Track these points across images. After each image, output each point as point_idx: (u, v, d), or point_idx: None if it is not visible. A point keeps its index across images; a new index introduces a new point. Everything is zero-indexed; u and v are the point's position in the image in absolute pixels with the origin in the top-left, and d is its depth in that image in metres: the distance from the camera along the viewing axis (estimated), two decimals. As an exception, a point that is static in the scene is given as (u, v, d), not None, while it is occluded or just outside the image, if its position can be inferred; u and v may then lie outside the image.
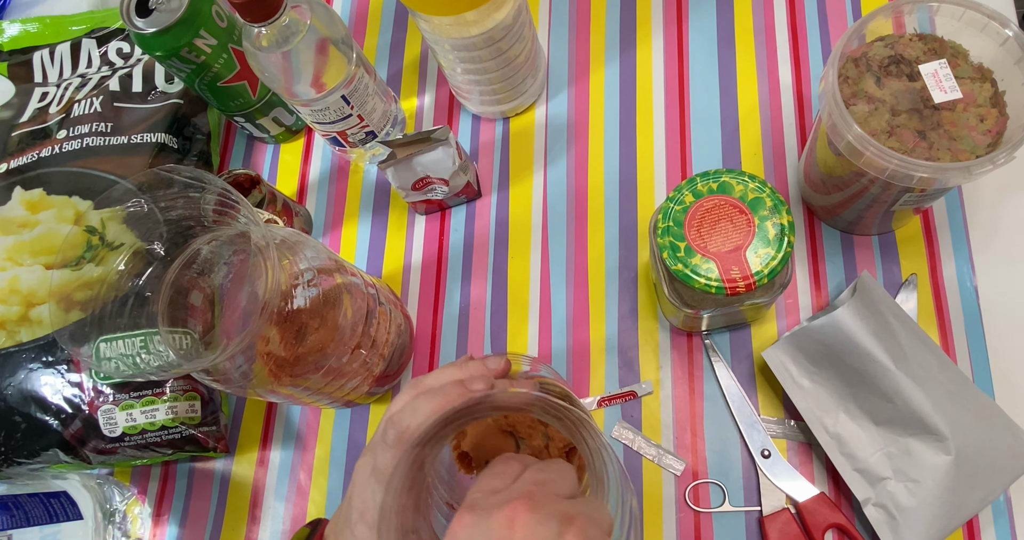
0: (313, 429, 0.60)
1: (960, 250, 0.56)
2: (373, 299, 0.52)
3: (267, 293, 0.41)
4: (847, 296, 0.53)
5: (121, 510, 0.59)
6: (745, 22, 0.65)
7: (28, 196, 0.61)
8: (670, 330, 0.58)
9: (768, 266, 0.44)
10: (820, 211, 0.57)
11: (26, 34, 0.72)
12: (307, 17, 0.51)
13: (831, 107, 0.45)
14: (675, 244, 0.45)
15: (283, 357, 0.46)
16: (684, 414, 0.55)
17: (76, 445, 0.56)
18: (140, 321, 0.48)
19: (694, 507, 0.53)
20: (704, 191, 0.46)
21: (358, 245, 0.65)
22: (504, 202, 0.64)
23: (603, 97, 0.65)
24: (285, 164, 0.69)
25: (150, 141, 0.63)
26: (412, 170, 0.58)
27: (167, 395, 0.57)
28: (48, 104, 0.67)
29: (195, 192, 0.46)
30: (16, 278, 0.58)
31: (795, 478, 0.52)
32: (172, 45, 0.55)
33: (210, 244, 0.48)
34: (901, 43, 0.47)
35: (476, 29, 0.53)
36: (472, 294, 0.61)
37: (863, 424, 0.50)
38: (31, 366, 0.56)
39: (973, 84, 0.46)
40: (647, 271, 0.59)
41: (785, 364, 0.52)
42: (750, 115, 0.62)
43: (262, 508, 0.59)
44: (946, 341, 0.54)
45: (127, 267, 0.48)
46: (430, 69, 0.69)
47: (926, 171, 0.43)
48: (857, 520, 0.51)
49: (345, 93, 0.57)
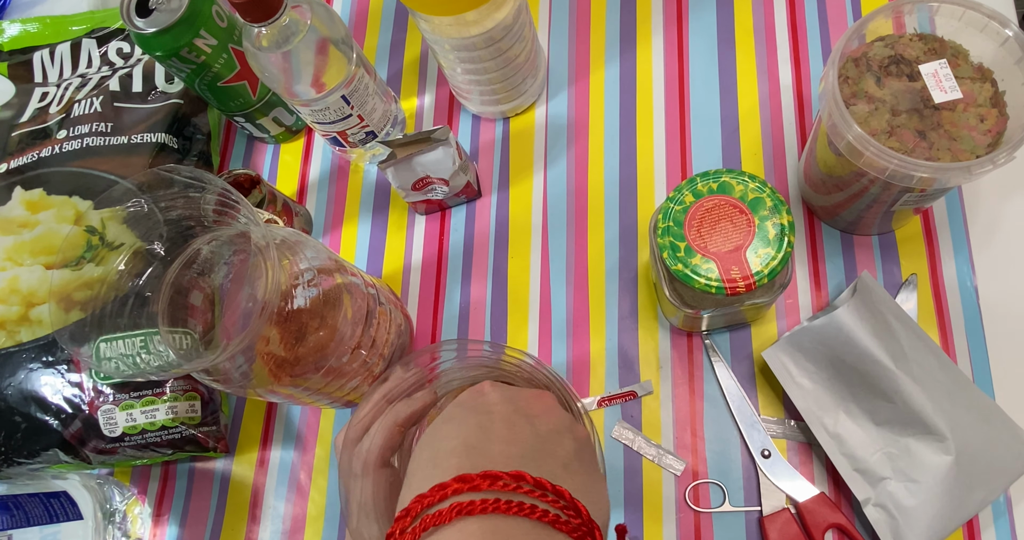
0: (313, 429, 0.60)
1: (960, 250, 0.56)
2: (373, 299, 0.52)
3: (267, 293, 0.41)
4: (847, 296, 0.53)
5: (121, 510, 0.59)
6: (745, 22, 0.65)
7: (28, 196, 0.61)
8: (670, 330, 0.58)
9: (768, 266, 0.44)
10: (820, 211, 0.57)
11: (26, 34, 0.72)
12: (307, 17, 0.51)
13: (831, 107, 0.45)
14: (675, 244, 0.45)
15: (283, 357, 0.46)
16: (684, 414, 0.55)
17: (76, 445, 0.56)
18: (140, 321, 0.48)
19: (694, 507, 0.53)
20: (704, 191, 0.46)
21: (358, 245, 0.65)
22: (504, 202, 0.64)
23: (603, 97, 0.65)
24: (285, 164, 0.69)
25: (150, 141, 0.63)
26: (412, 170, 0.58)
27: (167, 395, 0.57)
28: (48, 104, 0.67)
29: (195, 192, 0.46)
30: (16, 278, 0.58)
31: (795, 478, 0.52)
32: (172, 45, 0.55)
33: (210, 244, 0.48)
34: (901, 43, 0.47)
35: (476, 29, 0.53)
36: (472, 294, 0.61)
37: (863, 424, 0.50)
38: (31, 366, 0.56)
39: (973, 84, 0.46)
40: (647, 271, 0.59)
41: (785, 364, 0.52)
42: (750, 115, 0.62)
43: (262, 508, 0.59)
44: (946, 341, 0.54)
45: (127, 267, 0.48)
46: (430, 69, 0.69)
47: (926, 171, 0.43)
48: (857, 520, 0.51)
49: (345, 93, 0.57)
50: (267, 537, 0.58)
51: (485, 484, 0.28)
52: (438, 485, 0.28)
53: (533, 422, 0.33)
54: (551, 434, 0.32)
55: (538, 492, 0.28)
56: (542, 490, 0.28)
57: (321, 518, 0.58)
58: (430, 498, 0.28)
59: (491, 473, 0.28)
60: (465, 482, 0.28)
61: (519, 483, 0.28)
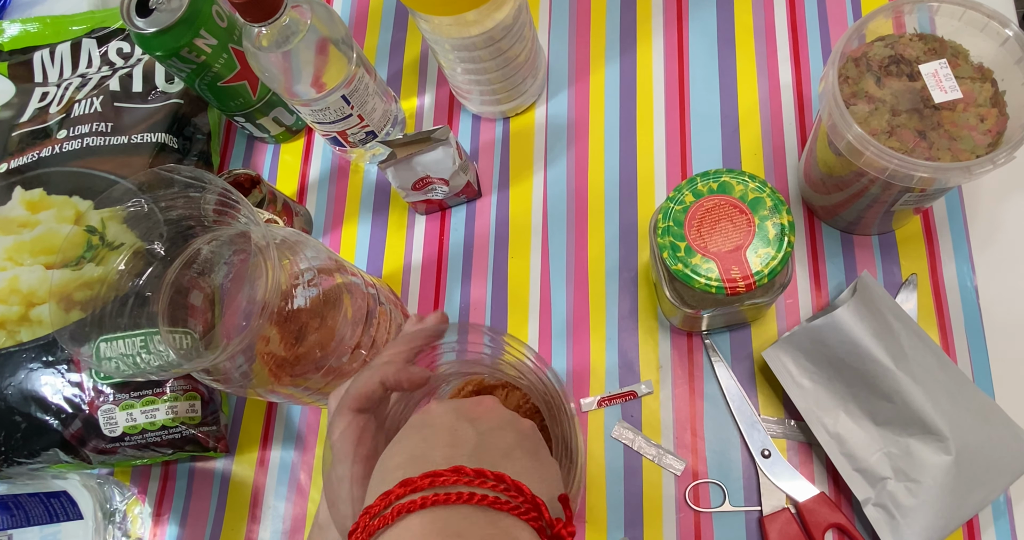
0: (313, 429, 0.60)
1: (960, 250, 0.56)
2: (373, 299, 0.52)
3: (267, 293, 0.41)
4: (847, 296, 0.53)
5: (121, 510, 0.59)
6: (745, 22, 0.65)
7: (28, 196, 0.61)
8: (670, 330, 0.58)
9: (768, 266, 0.44)
10: (820, 211, 0.57)
11: (26, 34, 0.72)
12: (307, 17, 0.51)
13: (831, 107, 0.45)
14: (675, 244, 0.45)
15: (283, 357, 0.46)
16: (684, 414, 0.55)
17: (76, 445, 0.56)
18: (140, 321, 0.48)
19: (694, 507, 0.53)
20: (704, 191, 0.46)
21: (358, 245, 0.65)
22: (504, 202, 0.64)
23: (603, 97, 0.65)
24: (285, 164, 0.69)
25: (150, 141, 0.63)
26: (412, 170, 0.58)
27: (167, 395, 0.57)
28: (48, 104, 0.67)
29: (195, 192, 0.46)
30: (16, 278, 0.58)
31: (795, 478, 0.52)
32: (172, 45, 0.55)
33: (210, 244, 0.48)
34: (901, 43, 0.47)
35: (476, 29, 0.53)
36: (472, 294, 0.61)
37: (863, 424, 0.50)
38: (31, 366, 0.56)
39: (973, 84, 0.46)
40: (647, 271, 0.59)
41: (785, 364, 0.52)
42: (750, 115, 0.62)
43: (262, 508, 0.59)
44: (946, 341, 0.54)
45: (127, 267, 0.48)
46: (430, 69, 0.69)
47: (926, 171, 0.43)
48: (857, 520, 0.51)
49: (345, 93, 0.57)
50: (267, 537, 0.58)
51: (426, 483, 0.28)
52: (383, 494, 0.29)
53: (475, 424, 0.33)
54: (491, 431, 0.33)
55: (478, 480, 0.29)
56: (482, 478, 0.29)
57: (321, 518, 0.58)
58: (376, 507, 0.28)
59: (431, 472, 0.29)
60: (407, 486, 0.28)
61: (459, 476, 0.29)
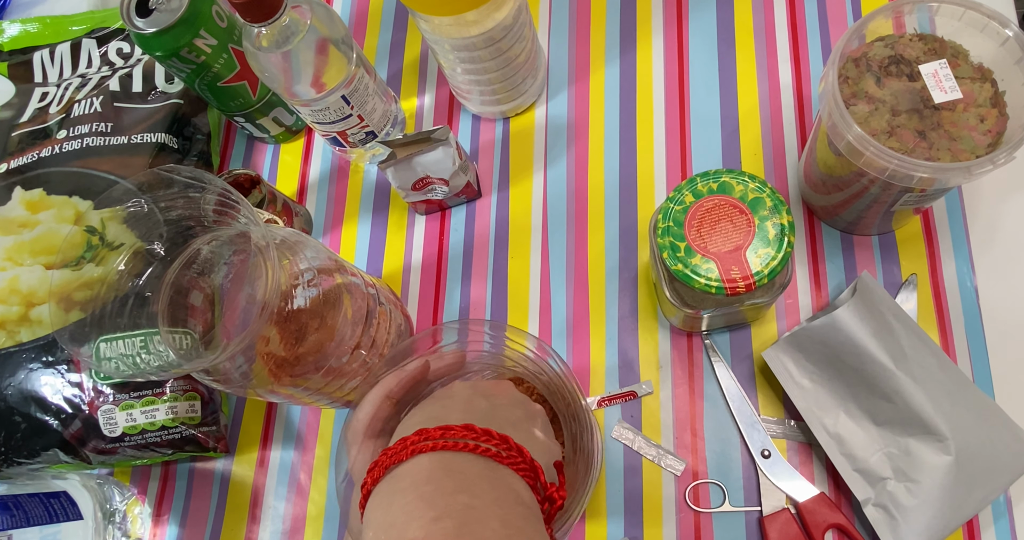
0: (313, 429, 0.60)
1: (960, 250, 0.56)
2: (373, 299, 0.52)
3: (267, 293, 0.41)
4: (847, 296, 0.53)
5: (121, 510, 0.59)
6: (745, 22, 0.65)
7: (28, 196, 0.61)
8: (670, 330, 0.58)
9: (768, 266, 0.44)
10: (820, 211, 0.57)
11: (26, 34, 0.72)
12: (307, 17, 0.51)
13: (831, 107, 0.45)
14: (675, 244, 0.45)
15: (283, 357, 0.46)
16: (684, 414, 0.55)
17: (76, 445, 0.56)
18: (140, 321, 0.48)
19: (694, 507, 0.53)
20: (704, 191, 0.46)
21: (358, 245, 0.65)
22: (504, 202, 0.64)
23: (603, 97, 0.65)
24: (285, 164, 0.69)
25: (150, 141, 0.63)
26: (412, 170, 0.58)
27: (167, 395, 0.57)
28: (48, 104, 0.67)
29: (195, 192, 0.46)
30: (16, 278, 0.58)
31: (795, 478, 0.52)
32: (172, 45, 0.55)
33: (210, 244, 0.48)
34: (901, 43, 0.47)
35: (476, 29, 0.53)
36: (472, 294, 0.61)
37: (863, 424, 0.50)
38: (31, 366, 0.56)
39: (973, 84, 0.46)
40: (647, 271, 0.59)
41: (785, 364, 0.52)
42: (750, 115, 0.62)
43: (262, 508, 0.59)
44: (946, 341, 0.54)
45: (127, 267, 0.48)
46: (430, 69, 0.69)
47: (926, 171, 0.43)
48: (857, 520, 0.51)
49: (345, 93, 0.57)
50: (267, 537, 0.58)
51: (438, 434, 0.34)
52: (401, 439, 0.34)
53: (489, 399, 0.38)
54: (503, 405, 0.38)
55: (484, 437, 0.34)
56: (488, 435, 0.34)
57: (321, 518, 0.58)
58: (394, 449, 0.33)
59: (444, 426, 0.34)
60: (422, 434, 0.34)
61: (468, 431, 0.34)
